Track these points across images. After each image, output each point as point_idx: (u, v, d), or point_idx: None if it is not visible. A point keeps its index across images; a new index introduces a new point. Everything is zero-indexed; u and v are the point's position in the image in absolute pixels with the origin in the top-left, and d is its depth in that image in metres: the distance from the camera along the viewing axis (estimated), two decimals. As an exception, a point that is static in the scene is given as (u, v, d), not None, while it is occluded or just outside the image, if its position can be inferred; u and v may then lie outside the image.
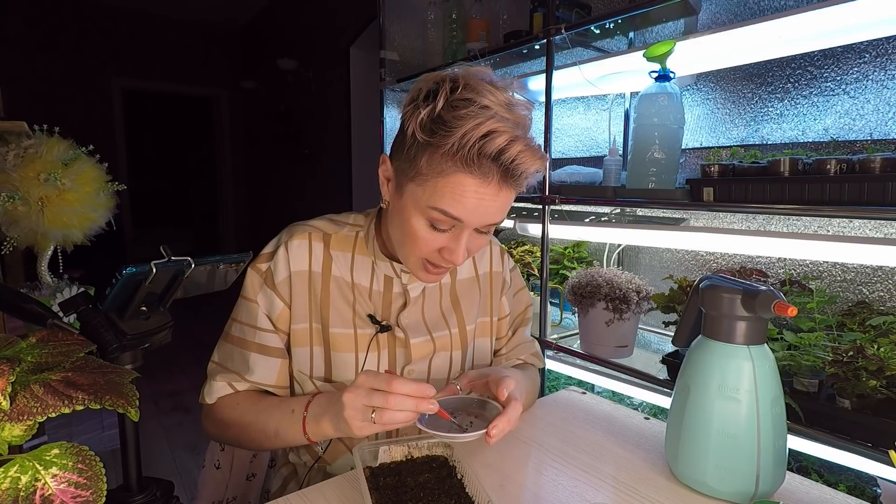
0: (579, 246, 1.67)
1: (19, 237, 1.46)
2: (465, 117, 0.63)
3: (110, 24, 4.94)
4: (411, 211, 0.70)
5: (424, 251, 0.72)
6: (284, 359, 0.80)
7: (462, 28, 1.84)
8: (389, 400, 0.60)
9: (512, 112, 0.66)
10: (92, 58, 4.86)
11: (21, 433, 0.41)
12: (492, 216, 0.69)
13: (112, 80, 5.01)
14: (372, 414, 0.61)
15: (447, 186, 0.65)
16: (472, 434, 0.66)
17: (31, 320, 0.56)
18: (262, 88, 5.32)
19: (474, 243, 0.73)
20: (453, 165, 0.64)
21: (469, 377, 0.79)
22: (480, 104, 0.64)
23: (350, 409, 0.62)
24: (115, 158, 4.87)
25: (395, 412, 0.60)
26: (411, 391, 0.61)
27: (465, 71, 0.68)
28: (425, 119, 0.65)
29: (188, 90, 5.60)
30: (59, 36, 4.67)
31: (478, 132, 0.62)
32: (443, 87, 0.65)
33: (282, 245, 0.79)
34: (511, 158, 0.64)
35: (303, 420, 0.71)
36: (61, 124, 1.54)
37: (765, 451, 0.63)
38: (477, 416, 0.74)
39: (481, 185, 0.65)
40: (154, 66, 5.24)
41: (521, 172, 0.66)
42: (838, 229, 1.20)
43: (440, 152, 0.65)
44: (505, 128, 0.63)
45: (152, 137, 6.66)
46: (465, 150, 0.63)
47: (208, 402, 0.79)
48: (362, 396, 0.62)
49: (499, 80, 0.69)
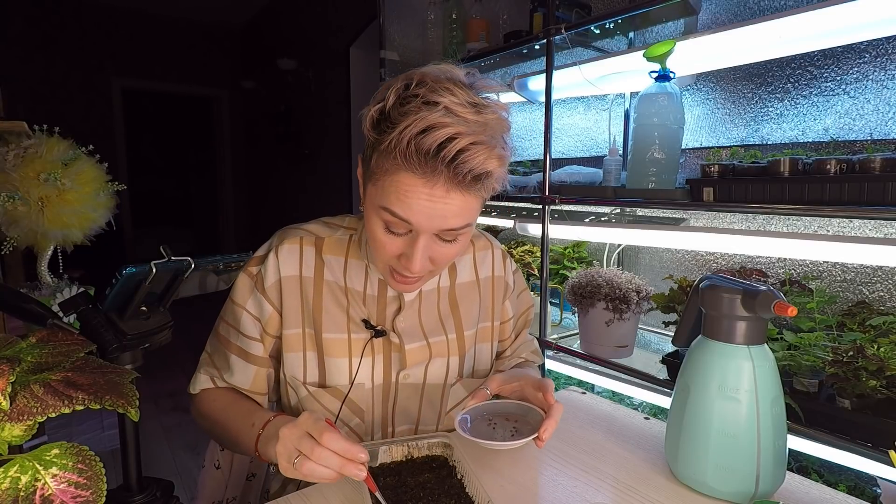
0: (579, 246, 1.67)
1: (19, 237, 1.47)
2: (407, 113, 0.60)
3: (110, 24, 4.94)
4: (370, 212, 0.68)
5: (384, 256, 0.70)
6: (263, 367, 0.80)
7: (462, 28, 1.84)
8: (314, 451, 0.56)
9: (475, 111, 0.61)
10: (92, 58, 4.86)
11: (21, 433, 0.41)
12: (445, 221, 0.64)
13: (112, 80, 5.01)
14: (295, 459, 0.58)
15: (392, 185, 0.63)
16: (522, 441, 0.68)
17: (31, 320, 0.56)
18: (262, 88, 5.32)
19: (439, 252, 0.69)
20: (395, 163, 0.62)
21: (498, 381, 0.79)
22: (427, 99, 0.60)
23: (281, 445, 0.59)
24: (115, 158, 4.88)
25: (316, 465, 0.56)
26: (340, 450, 0.57)
27: (427, 69, 0.65)
28: (375, 116, 0.64)
29: (188, 90, 5.60)
30: (59, 36, 4.67)
31: (416, 127, 0.59)
32: (395, 84, 0.63)
33: (273, 249, 0.79)
34: (451, 155, 0.59)
35: (257, 437, 0.68)
36: (61, 124, 1.55)
37: (765, 451, 0.63)
38: (517, 421, 0.74)
39: (426, 186, 0.61)
40: (154, 66, 5.24)
41: (469, 171, 0.60)
42: (838, 229, 1.20)
43: (384, 149, 0.62)
44: (451, 122, 0.59)
45: (152, 137, 6.65)
46: (403, 145, 0.59)
47: (192, 391, 0.81)
48: (295, 438, 0.58)
49: (478, 80, 0.66)
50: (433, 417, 0.84)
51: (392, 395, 0.80)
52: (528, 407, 0.75)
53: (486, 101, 0.64)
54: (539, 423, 0.69)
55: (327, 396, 0.78)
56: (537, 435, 0.67)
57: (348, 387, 0.78)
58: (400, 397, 0.81)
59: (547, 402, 0.72)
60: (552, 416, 0.69)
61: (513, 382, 0.78)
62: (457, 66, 0.66)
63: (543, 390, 0.73)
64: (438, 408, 0.84)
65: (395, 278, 0.72)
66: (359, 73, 3.71)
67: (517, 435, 0.71)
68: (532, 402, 0.75)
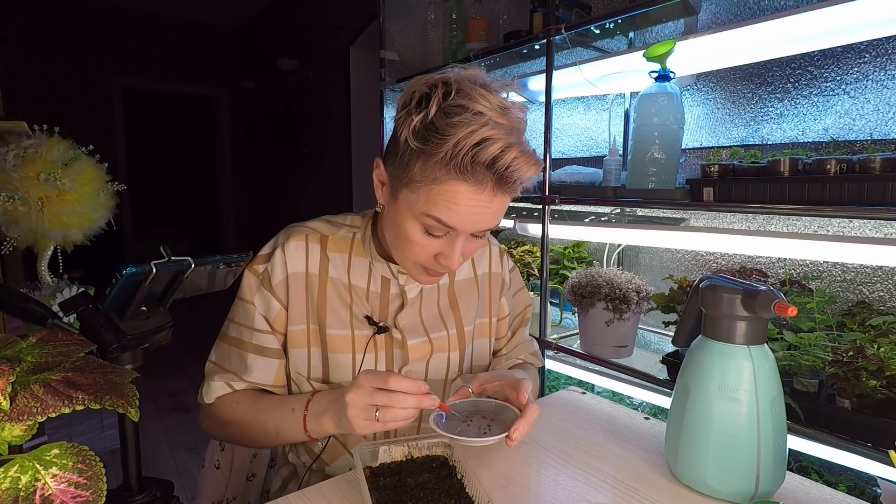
0: (579, 246, 1.67)
1: (19, 237, 1.46)
2: (458, 125, 0.62)
3: (110, 24, 4.94)
4: (406, 216, 0.69)
5: (420, 256, 0.72)
6: (281, 359, 0.80)
7: (462, 28, 1.84)
8: (392, 398, 0.61)
9: (506, 116, 0.64)
10: (92, 58, 4.86)
11: (21, 433, 0.41)
12: (486, 222, 0.69)
13: (112, 80, 5.01)
14: (376, 413, 0.62)
15: (441, 194, 0.65)
16: (492, 438, 0.68)
17: (31, 320, 0.56)
18: (262, 88, 5.32)
19: (469, 247, 0.73)
20: (447, 173, 0.64)
21: (480, 380, 0.79)
22: (473, 110, 0.63)
23: (354, 408, 0.63)
24: (115, 158, 4.88)
25: (398, 409, 0.62)
26: (408, 388, 0.62)
27: (457, 75, 0.67)
28: (418, 126, 0.64)
29: (188, 90, 5.60)
30: (59, 36, 4.67)
31: (471, 140, 0.61)
32: (435, 92, 0.64)
33: (279, 247, 0.79)
34: (506, 166, 0.63)
35: (303, 418, 0.71)
36: (61, 124, 1.54)
37: (765, 451, 0.63)
38: (493, 420, 0.74)
39: (475, 193, 0.65)
40: (154, 66, 5.24)
41: (516, 179, 0.65)
42: (838, 229, 1.20)
43: (433, 160, 0.64)
44: (499, 135, 0.62)
45: (152, 137, 6.66)
46: (459, 158, 0.62)
47: (207, 401, 0.79)
48: (366, 395, 0.63)
49: (493, 81, 0.68)
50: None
51: None
52: (505, 406, 0.75)
53: (508, 104, 0.66)
54: (512, 422, 0.69)
55: None
56: (507, 434, 0.67)
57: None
58: None
59: (519, 402, 0.72)
60: (525, 416, 0.69)
61: (494, 381, 0.78)
62: (480, 69, 0.69)
63: (517, 390, 0.73)
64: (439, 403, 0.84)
65: (428, 273, 0.75)
66: (359, 73, 3.71)
67: (489, 433, 0.70)
68: (511, 402, 0.75)
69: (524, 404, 0.71)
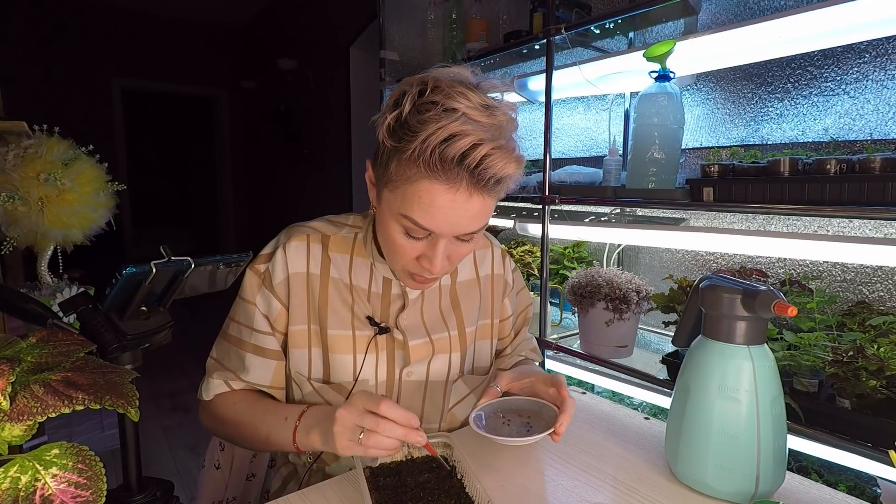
0: (579, 246, 1.67)
1: (19, 237, 1.47)
2: (427, 121, 0.61)
3: (110, 24, 4.94)
4: (388, 218, 0.69)
5: (403, 259, 0.71)
6: (280, 360, 0.80)
7: (462, 28, 1.84)
8: (380, 424, 0.59)
9: (488, 114, 0.62)
10: (92, 58, 4.86)
11: (21, 433, 0.41)
12: (466, 225, 0.66)
13: (112, 80, 5.02)
14: (360, 435, 0.60)
15: (415, 194, 0.63)
16: (539, 435, 0.69)
17: (31, 320, 0.56)
18: (262, 88, 5.32)
19: (456, 251, 0.70)
20: (418, 171, 0.62)
21: (508, 378, 0.79)
22: (446, 107, 0.61)
23: (341, 425, 0.62)
24: (115, 158, 4.88)
25: (382, 437, 0.60)
26: (397, 417, 0.60)
27: (438, 73, 0.65)
28: (392, 124, 0.64)
29: (188, 90, 5.60)
30: (59, 36, 4.67)
31: (439, 136, 0.60)
32: (410, 90, 0.64)
33: (280, 247, 0.79)
34: (475, 162, 0.60)
35: (294, 429, 0.71)
36: (61, 124, 1.55)
37: (765, 451, 0.63)
38: (531, 417, 0.75)
39: (448, 192, 0.62)
40: (154, 66, 5.24)
41: (491, 177, 0.62)
42: (838, 229, 1.20)
43: (405, 158, 0.62)
44: (471, 130, 0.60)
45: (152, 137, 6.66)
46: (427, 154, 0.60)
47: (205, 398, 0.80)
48: (355, 415, 0.61)
49: (484, 81, 0.67)
50: (436, 414, 0.84)
51: (395, 391, 0.81)
52: (541, 402, 0.76)
53: (495, 103, 0.65)
54: (552, 418, 0.70)
55: (332, 393, 0.78)
56: (553, 430, 0.68)
57: (352, 383, 0.78)
58: (403, 394, 0.81)
59: (561, 397, 0.73)
60: (566, 410, 0.70)
61: (523, 379, 0.79)
62: (465, 68, 0.67)
63: (557, 386, 0.74)
64: (441, 405, 0.84)
65: (414, 279, 0.74)
66: (359, 73, 3.71)
67: (532, 430, 0.72)
68: (543, 398, 0.76)
69: (566, 399, 0.72)
